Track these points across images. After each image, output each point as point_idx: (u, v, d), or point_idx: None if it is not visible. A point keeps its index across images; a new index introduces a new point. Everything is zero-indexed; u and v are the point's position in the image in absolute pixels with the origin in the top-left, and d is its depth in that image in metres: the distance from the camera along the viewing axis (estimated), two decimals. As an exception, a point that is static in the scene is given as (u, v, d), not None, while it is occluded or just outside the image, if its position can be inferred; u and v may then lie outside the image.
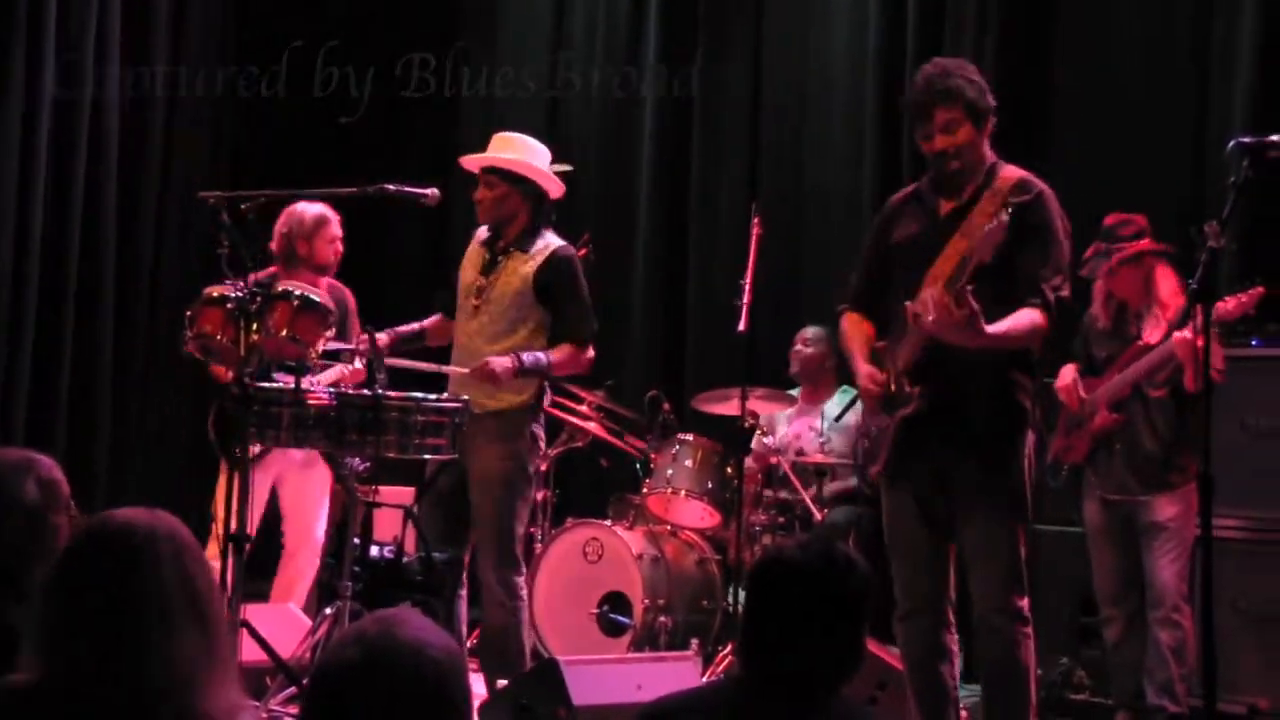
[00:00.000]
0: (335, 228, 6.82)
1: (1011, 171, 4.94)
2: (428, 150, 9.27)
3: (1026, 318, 4.70)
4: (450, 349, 6.15)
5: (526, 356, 5.88)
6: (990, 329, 4.59)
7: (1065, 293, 4.78)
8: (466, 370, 5.89)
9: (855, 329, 5.10)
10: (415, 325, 6.23)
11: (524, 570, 6.06)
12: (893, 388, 4.89)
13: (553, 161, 6.26)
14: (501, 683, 5.77)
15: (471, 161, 6.20)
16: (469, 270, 6.17)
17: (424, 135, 9.70)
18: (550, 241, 6.10)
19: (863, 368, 4.99)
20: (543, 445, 6.15)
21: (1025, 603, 4.83)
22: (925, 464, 4.90)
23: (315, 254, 6.76)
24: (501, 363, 5.84)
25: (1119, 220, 6.09)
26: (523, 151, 6.19)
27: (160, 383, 9.11)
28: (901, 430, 4.89)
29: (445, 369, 5.98)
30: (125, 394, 8.98)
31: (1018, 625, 4.82)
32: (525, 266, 6.01)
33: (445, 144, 7.75)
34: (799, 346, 7.81)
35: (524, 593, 6.02)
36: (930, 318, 4.61)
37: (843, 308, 5.19)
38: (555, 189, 6.17)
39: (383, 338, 5.92)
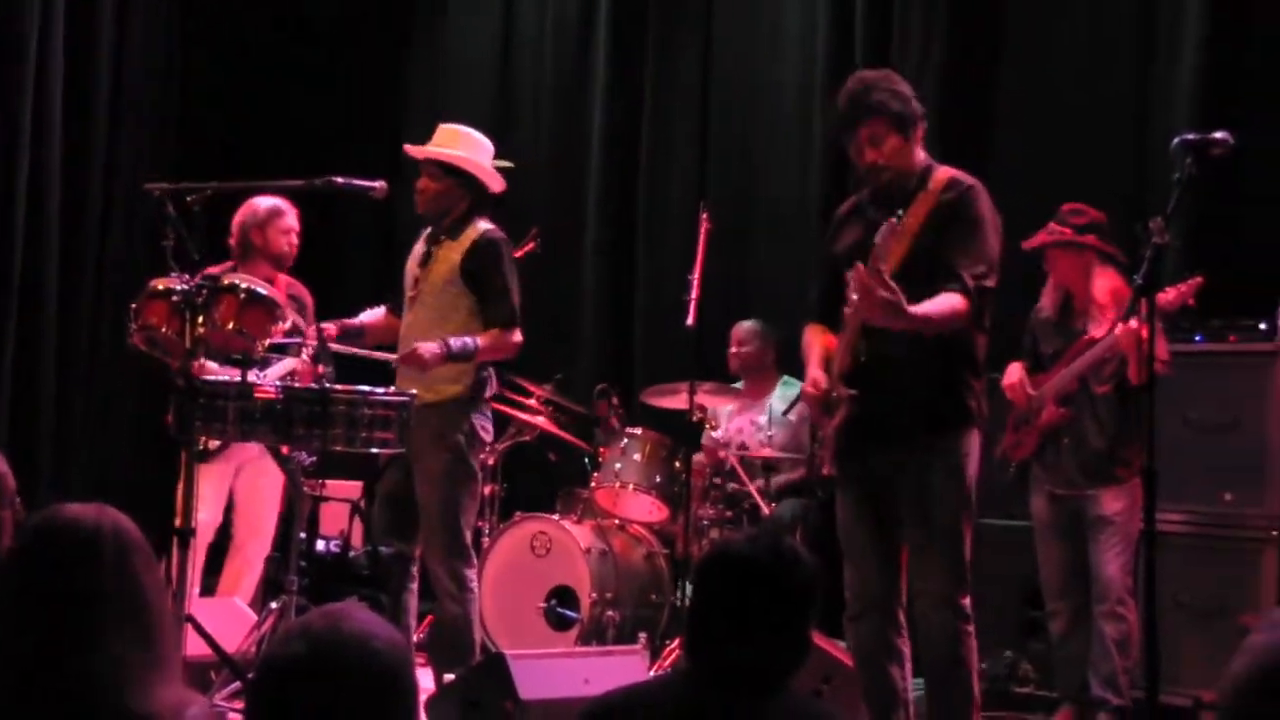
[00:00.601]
0: (290, 219, 6.80)
1: (944, 172, 4.97)
2: (377, 143, 9.24)
3: (946, 300, 4.72)
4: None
5: (454, 341, 5.90)
6: (911, 309, 4.60)
7: (989, 282, 4.79)
8: (395, 357, 5.92)
9: (814, 338, 5.14)
10: (358, 320, 6.24)
11: (474, 562, 6.07)
12: (832, 393, 4.93)
13: (496, 156, 6.27)
14: (449, 676, 5.77)
15: (416, 152, 6.22)
16: (410, 264, 6.20)
17: (372, 127, 9.68)
18: (478, 226, 6.12)
19: (810, 373, 5.03)
20: (487, 437, 6.15)
21: (967, 600, 4.86)
22: (866, 466, 4.93)
23: (269, 244, 6.74)
24: (429, 348, 5.86)
25: (1074, 209, 6.12)
26: (467, 146, 6.21)
27: (104, 376, 9.04)
28: (841, 434, 4.92)
29: (380, 355, 5.99)
30: (69, 387, 8.90)
31: (960, 622, 4.84)
32: (453, 253, 6.06)
33: (395, 137, 7.71)
34: (734, 348, 7.82)
35: (474, 585, 6.04)
36: (853, 298, 4.65)
37: (807, 320, 5.23)
38: (496, 185, 6.20)
39: (330, 328, 5.92)
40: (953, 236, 4.81)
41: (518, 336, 6.12)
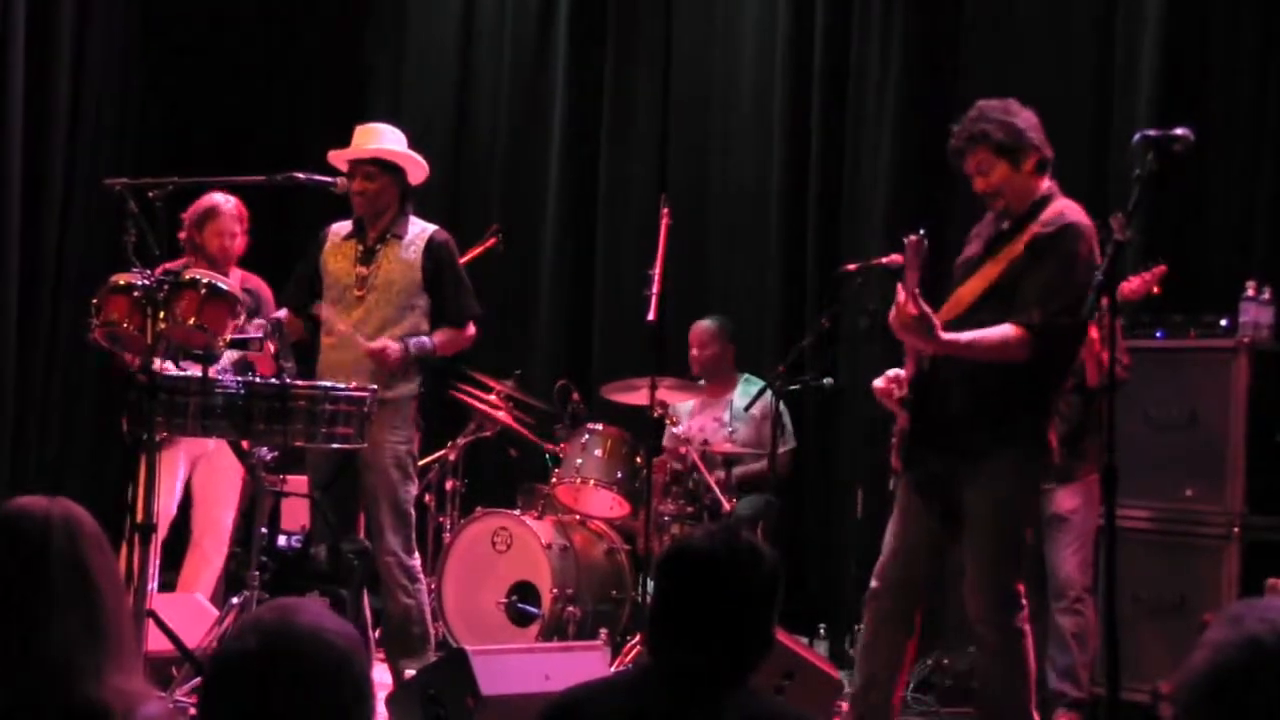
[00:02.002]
0: (227, 220, 6.77)
1: (1057, 207, 4.91)
2: (339, 138, 9.20)
3: (997, 332, 4.72)
4: (302, 344, 6.25)
5: (413, 344, 6.10)
6: (948, 335, 4.66)
7: (1063, 319, 4.72)
8: (370, 346, 6.01)
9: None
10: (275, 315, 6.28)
11: (417, 553, 6.21)
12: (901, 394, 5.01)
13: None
14: (409, 671, 5.77)
15: (349, 154, 6.27)
16: (339, 262, 6.25)
17: (333, 122, 9.62)
18: (425, 227, 6.29)
19: (896, 371, 5.10)
20: (420, 428, 6.34)
21: (1021, 616, 4.87)
22: (924, 469, 4.98)
23: (205, 244, 6.72)
24: (394, 349, 6.03)
25: None
26: (391, 140, 6.31)
27: (65, 372, 8.98)
28: (903, 435, 5.01)
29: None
30: (29, 383, 8.83)
31: (1008, 637, 4.86)
32: (407, 254, 6.20)
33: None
34: (694, 351, 7.80)
35: (422, 576, 6.21)
36: (890, 315, 4.71)
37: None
38: (421, 173, 6.35)
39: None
40: (1037, 271, 4.79)
41: (471, 330, 6.37)
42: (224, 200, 6.76)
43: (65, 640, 2.38)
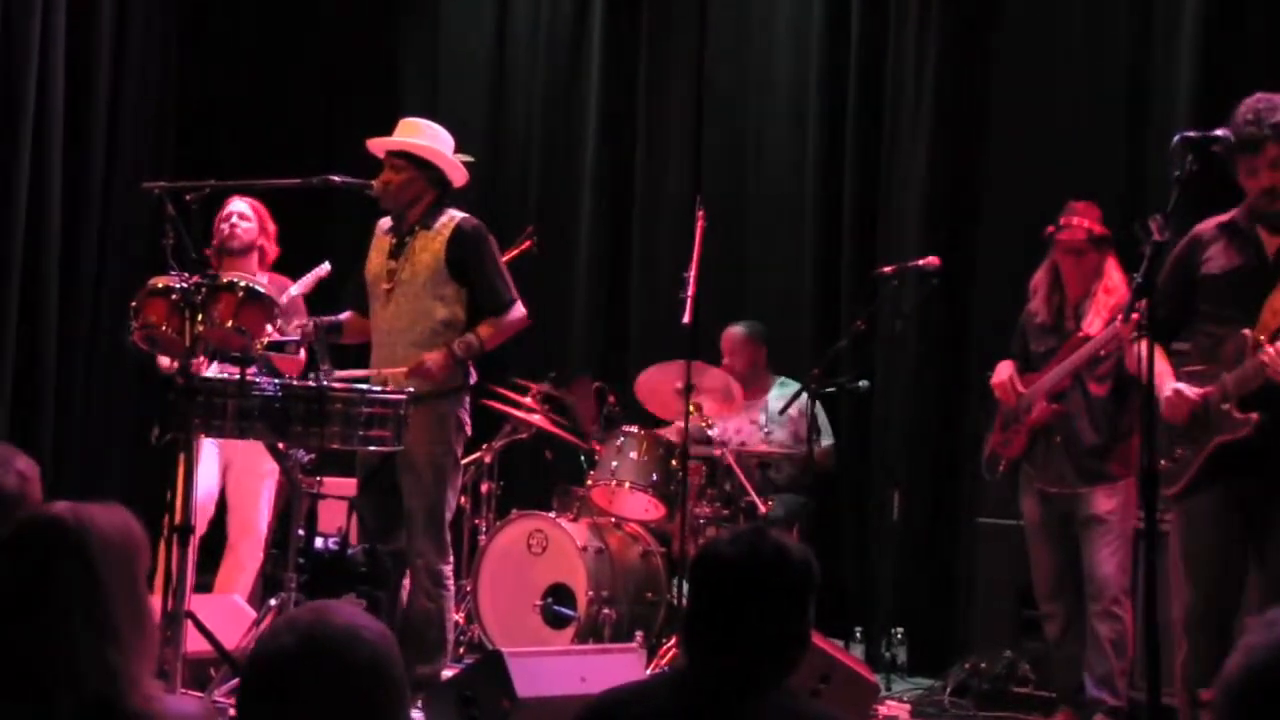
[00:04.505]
0: (232, 204, 6.76)
1: None
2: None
3: None
4: (368, 347, 6.21)
5: (458, 347, 5.97)
6: None
7: None
8: (403, 370, 5.92)
9: (1160, 357, 4.94)
10: (335, 317, 6.24)
11: (451, 557, 6.12)
12: (1211, 410, 4.83)
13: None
14: (422, 670, 5.76)
15: (378, 144, 6.23)
16: (376, 257, 6.22)
17: (367, 124, 9.65)
18: (453, 215, 6.14)
19: (1175, 384, 4.90)
20: (467, 428, 6.19)
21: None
22: (1234, 491, 4.84)
23: (215, 236, 6.75)
24: (435, 359, 5.92)
25: (1086, 205, 6.07)
26: (430, 138, 6.23)
27: (105, 374, 9.00)
28: (1216, 454, 4.82)
29: (376, 373, 6.00)
30: (69, 385, 8.86)
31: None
32: (433, 243, 6.07)
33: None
34: (726, 360, 7.78)
35: (450, 581, 6.08)
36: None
37: (1134, 336, 5.17)
38: (460, 176, 6.24)
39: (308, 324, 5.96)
40: None
41: (519, 311, 6.20)
42: (238, 198, 6.78)
43: (78, 646, 2.40)
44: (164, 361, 6.43)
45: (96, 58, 8.95)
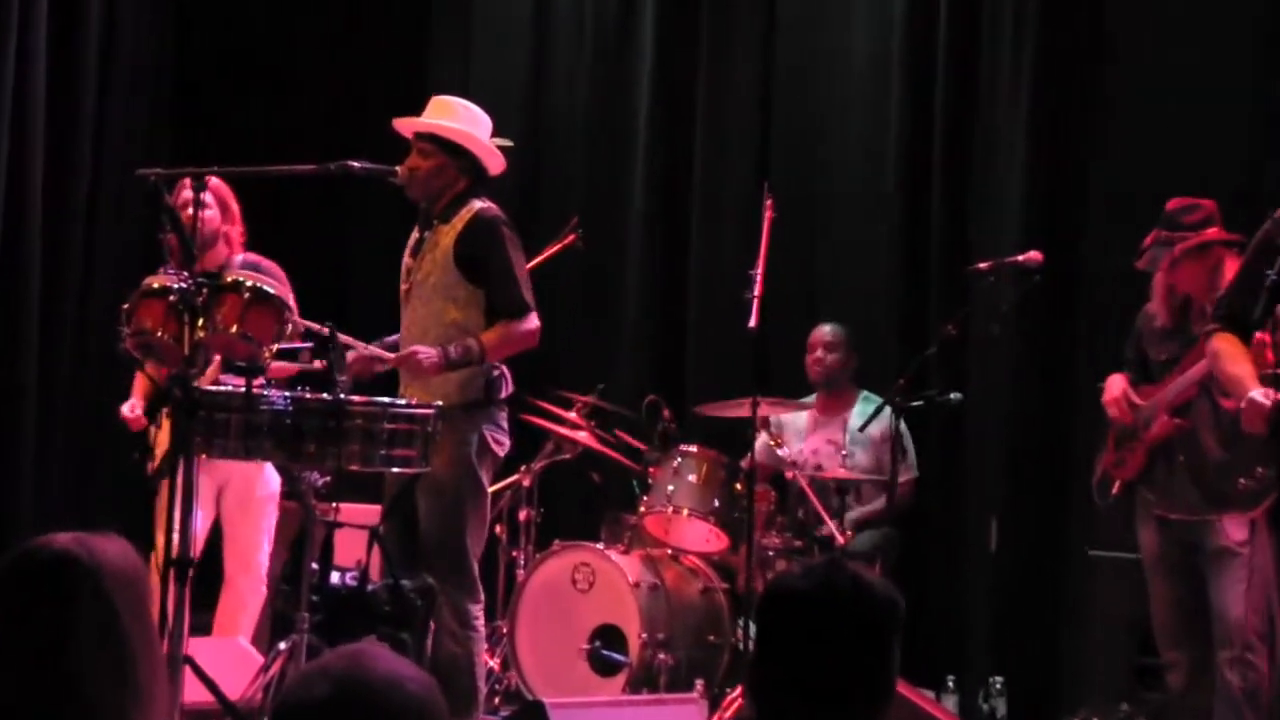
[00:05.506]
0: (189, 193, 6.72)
1: None
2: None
3: None
4: None
5: (452, 349, 5.93)
6: None
7: None
8: (392, 356, 5.92)
9: (1236, 349, 5.02)
10: (392, 337, 6.22)
11: (481, 596, 6.11)
12: None
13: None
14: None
15: (406, 125, 6.22)
16: (405, 256, 6.22)
17: (392, 101, 9.68)
18: (473, 205, 6.12)
19: (1257, 385, 4.90)
20: (500, 449, 6.18)
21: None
22: None
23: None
24: (427, 354, 5.91)
25: (1183, 205, 6.04)
26: (465, 120, 6.20)
27: (92, 386, 9.05)
28: None
29: (373, 350, 5.99)
30: (52, 397, 8.92)
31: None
32: (446, 238, 6.07)
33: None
34: (819, 353, 7.79)
35: (479, 623, 6.08)
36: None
37: (1213, 328, 5.15)
38: (496, 164, 6.21)
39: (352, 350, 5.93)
40: None
41: (532, 323, 6.14)
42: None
43: (93, 686, 2.42)
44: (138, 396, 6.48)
45: (84, 22, 8.99)
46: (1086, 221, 7.73)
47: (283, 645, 5.66)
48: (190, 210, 6.51)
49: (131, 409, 6.59)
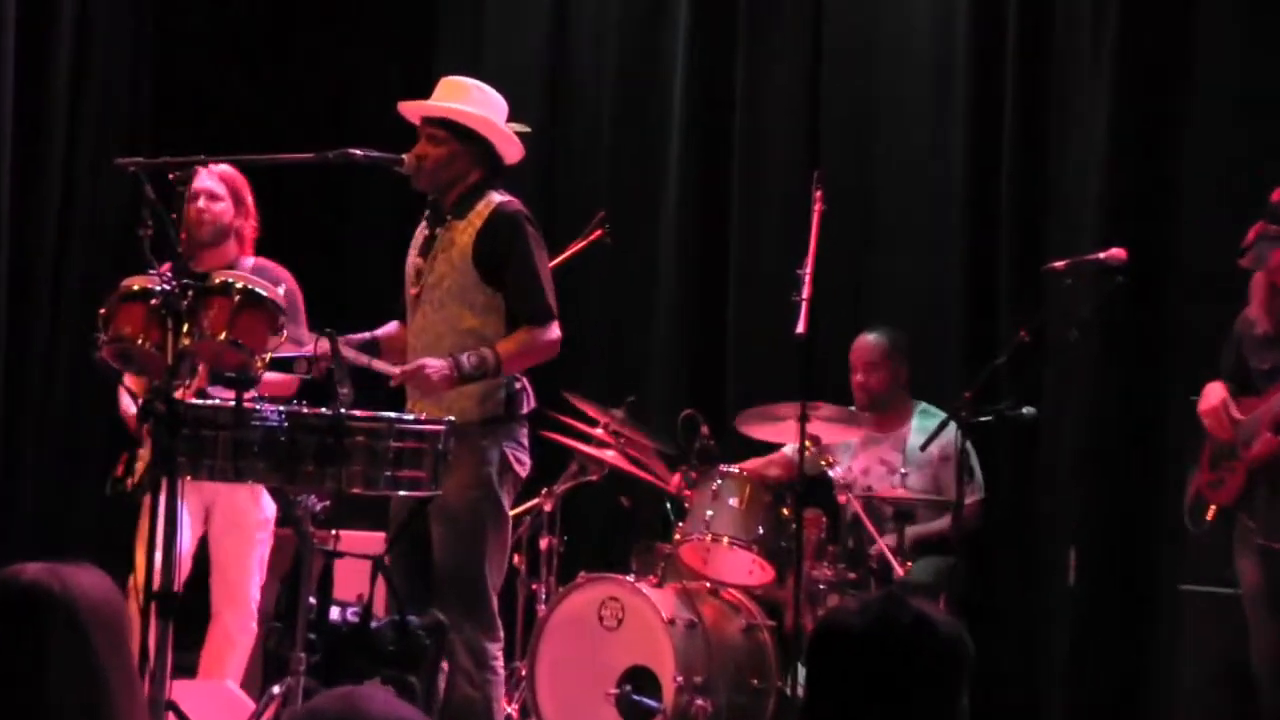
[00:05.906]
0: (201, 180, 6.62)
1: None
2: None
3: None
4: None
5: (465, 360, 5.92)
6: None
7: None
8: (397, 371, 5.90)
9: None
10: (367, 334, 6.21)
11: (500, 634, 6.13)
12: None
13: (511, 119, 6.26)
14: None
15: (413, 109, 6.21)
16: (410, 256, 6.22)
17: (399, 83, 9.70)
18: (492, 199, 6.13)
19: None
20: (521, 469, 6.19)
21: None
22: None
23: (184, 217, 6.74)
24: (437, 368, 5.89)
25: None
26: (479, 103, 6.20)
27: (64, 398, 9.07)
28: None
29: (378, 365, 5.97)
30: (20, 412, 8.95)
31: None
32: (463, 236, 6.07)
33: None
34: (860, 376, 7.77)
35: (498, 663, 6.12)
36: None
37: None
38: (513, 152, 6.23)
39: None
40: None
41: (554, 332, 6.14)
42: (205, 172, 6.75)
43: None
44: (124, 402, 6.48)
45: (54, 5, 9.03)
46: (1177, 214, 7.68)
47: (276, 689, 5.69)
48: (199, 203, 6.58)
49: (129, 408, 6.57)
